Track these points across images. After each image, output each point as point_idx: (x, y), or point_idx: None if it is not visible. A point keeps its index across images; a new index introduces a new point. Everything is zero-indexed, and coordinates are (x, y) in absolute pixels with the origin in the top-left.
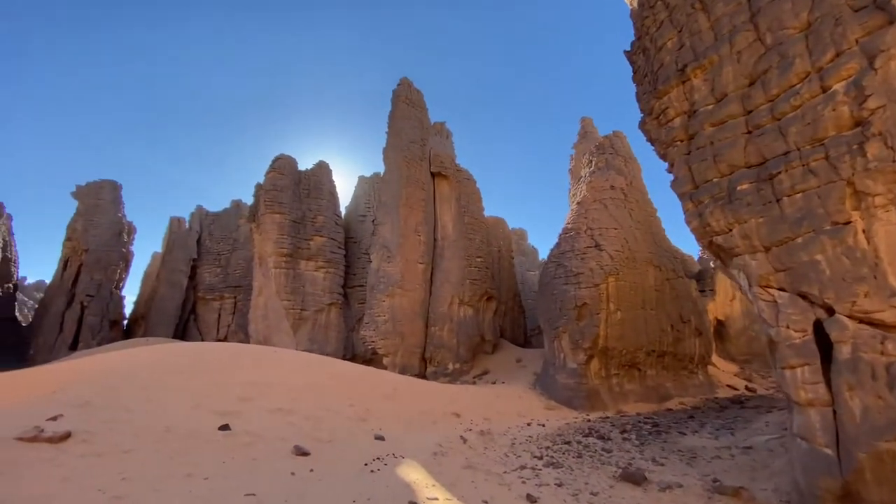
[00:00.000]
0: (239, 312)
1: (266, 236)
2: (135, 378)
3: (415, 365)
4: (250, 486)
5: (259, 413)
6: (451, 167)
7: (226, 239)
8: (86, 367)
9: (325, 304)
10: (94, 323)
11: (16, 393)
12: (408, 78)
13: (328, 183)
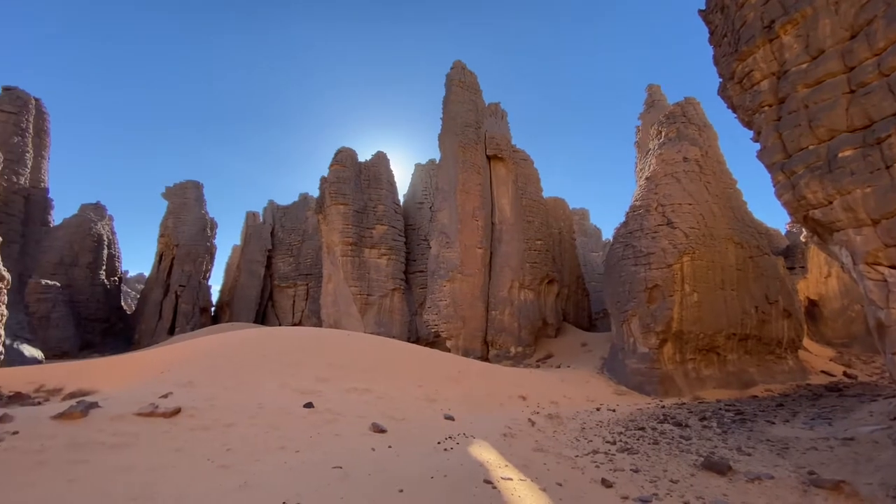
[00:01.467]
0: (311, 298)
1: (332, 226)
2: (228, 360)
3: (477, 348)
4: (336, 460)
5: (337, 392)
6: (507, 149)
7: (296, 230)
8: (187, 350)
9: (389, 290)
10: (186, 310)
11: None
12: (461, 61)
13: (386, 172)
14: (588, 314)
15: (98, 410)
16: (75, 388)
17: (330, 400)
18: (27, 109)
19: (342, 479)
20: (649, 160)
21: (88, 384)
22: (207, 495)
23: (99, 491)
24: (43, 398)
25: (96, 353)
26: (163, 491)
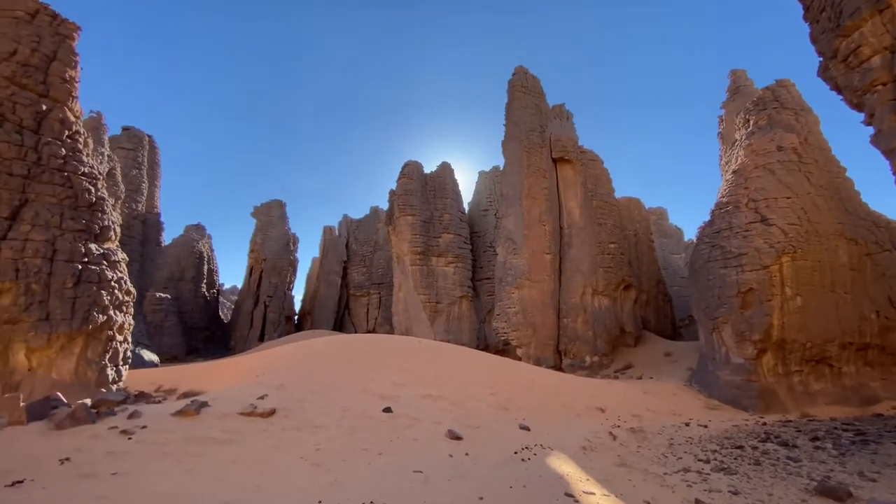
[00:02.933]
0: (383, 306)
1: (401, 237)
2: (314, 365)
3: (549, 357)
4: (416, 464)
5: (413, 398)
6: (574, 150)
7: (368, 241)
8: (277, 355)
9: (457, 297)
10: (274, 318)
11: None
12: (523, 66)
13: (451, 182)
14: (671, 321)
15: (208, 409)
16: (187, 389)
17: (407, 405)
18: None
19: (423, 482)
20: (736, 152)
21: (197, 385)
22: (304, 490)
23: (213, 481)
24: (162, 397)
25: (200, 358)
26: (265, 484)
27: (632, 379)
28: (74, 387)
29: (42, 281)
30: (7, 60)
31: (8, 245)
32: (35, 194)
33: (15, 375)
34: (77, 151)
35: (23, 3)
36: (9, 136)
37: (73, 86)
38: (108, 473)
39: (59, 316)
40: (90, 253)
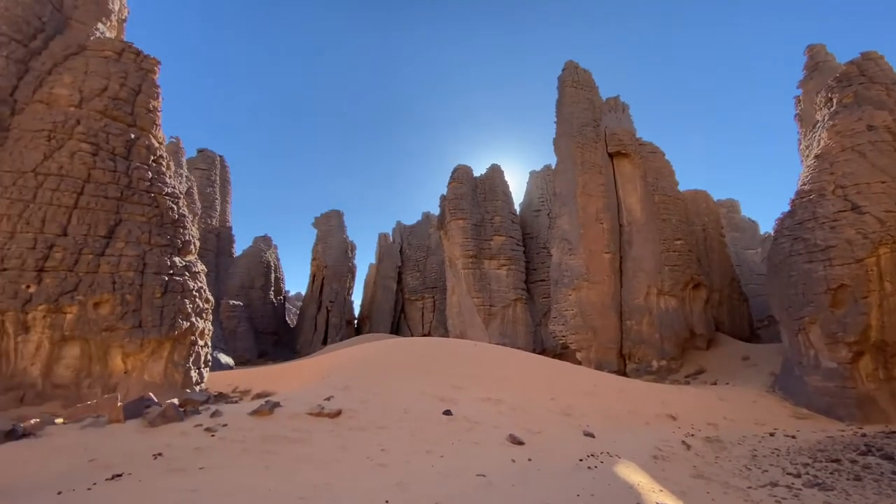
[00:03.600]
0: (437, 310)
1: (453, 241)
2: (375, 368)
3: (612, 361)
4: (478, 467)
5: (472, 401)
6: (631, 143)
7: (421, 247)
8: (341, 358)
9: (511, 300)
10: (335, 323)
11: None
12: (573, 60)
13: (501, 184)
14: (748, 322)
15: (280, 409)
16: (260, 390)
17: (466, 408)
18: (214, 165)
19: (486, 486)
20: (818, 134)
21: (269, 386)
22: (371, 490)
23: (287, 477)
24: (238, 397)
25: (270, 360)
26: (335, 483)
27: (705, 385)
28: (163, 387)
29: (135, 292)
30: (100, 96)
31: (106, 260)
32: (127, 214)
33: (112, 378)
34: (161, 174)
35: (111, 43)
36: (104, 163)
37: (156, 115)
38: (196, 468)
39: (150, 323)
40: (175, 265)
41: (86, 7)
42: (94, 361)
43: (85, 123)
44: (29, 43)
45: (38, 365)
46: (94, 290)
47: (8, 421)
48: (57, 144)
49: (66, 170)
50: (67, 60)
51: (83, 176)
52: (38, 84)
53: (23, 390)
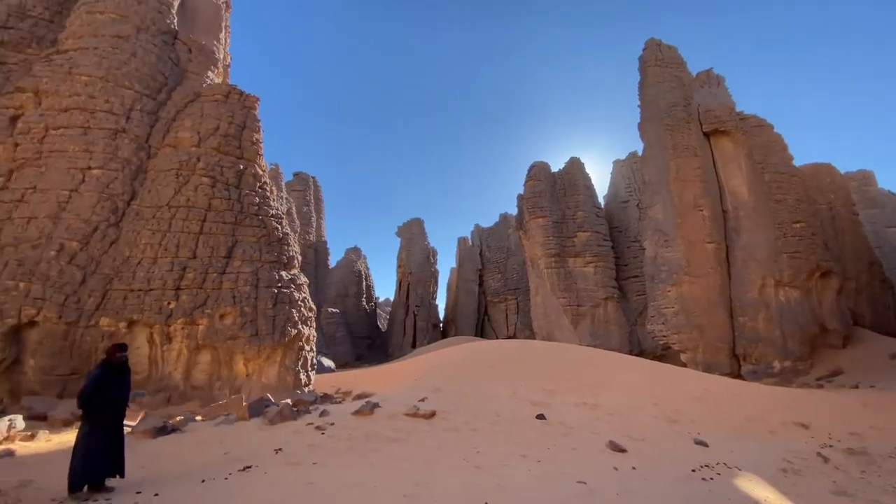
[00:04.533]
0: (521, 312)
1: (533, 240)
2: (464, 370)
3: (723, 362)
4: (578, 474)
5: (566, 406)
6: (730, 119)
7: (500, 248)
8: (431, 360)
9: (601, 299)
10: (422, 327)
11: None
12: (655, 38)
13: (582, 177)
14: (895, 313)
15: (380, 410)
16: (360, 391)
17: (560, 412)
18: (309, 186)
19: (588, 495)
20: None
21: (367, 388)
22: (469, 491)
23: (390, 475)
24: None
25: (365, 363)
26: (434, 482)
27: (843, 388)
28: (278, 389)
29: (251, 304)
30: (213, 135)
31: (227, 278)
32: (241, 236)
33: (237, 380)
34: (266, 198)
35: (219, 88)
36: (220, 193)
37: (259, 146)
38: (311, 463)
39: (265, 331)
40: (282, 279)
41: (198, 60)
42: (223, 366)
43: (204, 160)
44: (156, 96)
45: (179, 370)
46: (219, 304)
47: (159, 418)
48: (184, 180)
49: (192, 201)
50: (187, 107)
51: (205, 206)
52: (165, 130)
53: (169, 392)
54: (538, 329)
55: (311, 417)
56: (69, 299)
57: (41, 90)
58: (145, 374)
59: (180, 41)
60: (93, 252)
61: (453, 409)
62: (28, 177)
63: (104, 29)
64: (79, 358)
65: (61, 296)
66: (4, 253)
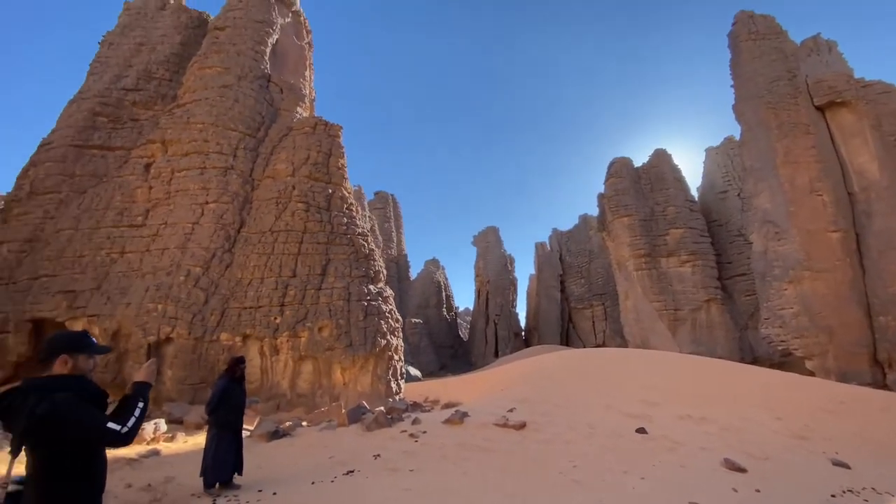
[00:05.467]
0: (610, 318)
1: (619, 241)
2: (553, 380)
3: (862, 370)
4: (690, 494)
5: (668, 418)
6: (848, 88)
7: (582, 252)
8: (517, 370)
9: (701, 301)
10: (504, 336)
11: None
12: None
13: (670, 170)
14: None
15: (469, 419)
16: (447, 400)
17: (662, 426)
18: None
19: None
20: None
21: (454, 397)
22: None
23: (483, 485)
24: (430, 407)
25: (449, 373)
26: (530, 495)
27: None
28: (372, 397)
29: (345, 317)
30: (305, 164)
31: (323, 293)
32: (333, 254)
33: (336, 388)
34: (353, 218)
35: (307, 121)
36: (314, 216)
37: (344, 171)
38: (407, 469)
39: (358, 342)
40: (370, 293)
41: (288, 98)
42: (322, 375)
43: (298, 188)
44: (256, 134)
45: (286, 379)
46: (318, 317)
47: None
48: (282, 207)
49: (290, 226)
50: (281, 141)
51: (301, 229)
52: (265, 164)
53: (278, 399)
54: (630, 336)
55: (404, 425)
56: (196, 318)
57: (167, 139)
58: (258, 382)
59: (273, 83)
60: (212, 275)
61: (544, 420)
62: (160, 214)
63: (212, 81)
64: (205, 369)
65: (189, 315)
66: (145, 280)
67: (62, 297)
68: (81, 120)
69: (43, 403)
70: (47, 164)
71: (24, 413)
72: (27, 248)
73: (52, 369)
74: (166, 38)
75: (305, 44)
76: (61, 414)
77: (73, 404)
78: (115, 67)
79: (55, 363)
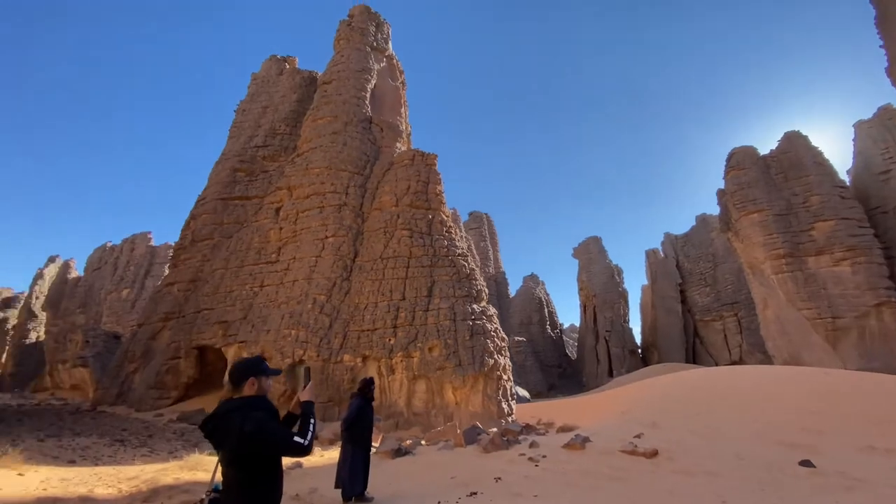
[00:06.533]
0: (746, 331)
1: (749, 242)
2: (684, 403)
3: None
4: None
5: (842, 449)
6: None
7: (702, 257)
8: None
9: (869, 306)
10: (617, 353)
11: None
12: None
13: (808, 153)
14: None
15: (591, 444)
16: (563, 423)
17: (835, 459)
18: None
19: None
20: None
21: (569, 420)
22: None
23: None
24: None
25: (559, 394)
26: None
27: None
28: (484, 417)
29: (452, 337)
30: (406, 194)
31: (430, 314)
32: (437, 276)
33: (448, 408)
34: (452, 240)
35: (406, 154)
36: (417, 241)
37: (441, 196)
38: (531, 495)
39: (466, 362)
40: (474, 312)
41: (389, 136)
42: (435, 395)
43: (402, 216)
44: (363, 171)
45: (402, 398)
46: (427, 338)
47: (394, 441)
48: (389, 236)
49: (397, 252)
50: (385, 175)
51: (407, 254)
52: (372, 197)
53: (396, 417)
54: (776, 351)
55: (521, 448)
56: (322, 341)
57: (291, 185)
58: (377, 401)
59: (374, 124)
60: (334, 302)
61: (678, 448)
62: (290, 251)
63: (324, 129)
64: (332, 388)
65: (317, 338)
66: (281, 308)
67: (219, 327)
68: (225, 177)
69: (248, 422)
70: (203, 216)
71: (233, 431)
72: (191, 287)
73: (242, 391)
74: (285, 98)
75: (399, 83)
76: (265, 430)
77: (270, 422)
78: (247, 129)
79: (245, 386)
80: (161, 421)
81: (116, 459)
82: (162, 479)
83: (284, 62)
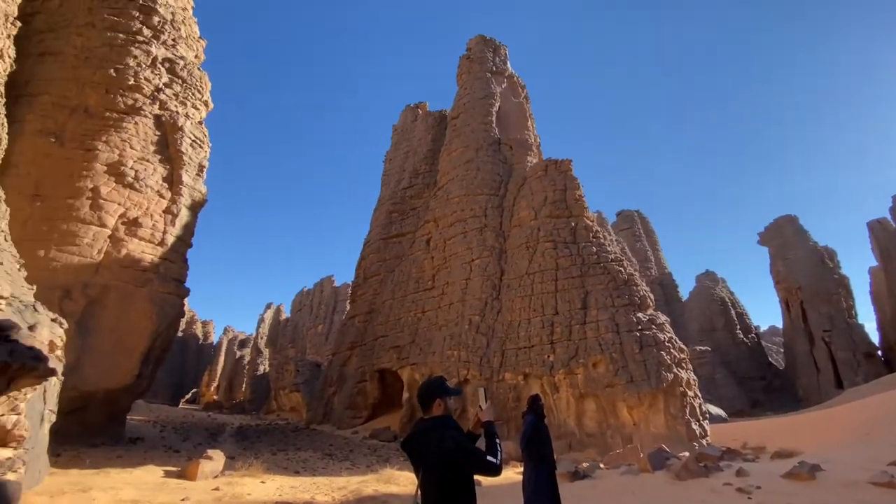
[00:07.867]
0: None
1: None
2: None
3: None
4: None
5: None
6: None
7: None
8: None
9: None
10: (845, 358)
11: (825, 433)
12: None
13: None
14: None
15: (823, 473)
16: (778, 447)
17: None
18: (634, 221)
19: None
20: None
21: (786, 443)
22: None
23: None
24: (752, 454)
25: (769, 411)
26: None
27: None
28: (669, 439)
29: (618, 350)
30: (544, 205)
31: (588, 327)
32: (590, 286)
33: (625, 428)
34: (602, 245)
35: (538, 165)
36: (563, 251)
37: (582, 201)
38: None
39: (639, 377)
40: (640, 321)
41: (518, 152)
42: (608, 414)
43: (543, 229)
44: (498, 192)
45: (571, 417)
46: (588, 352)
47: (570, 463)
48: (532, 250)
49: (542, 266)
50: (520, 191)
51: (553, 266)
52: (510, 215)
53: (568, 438)
54: None
55: (724, 476)
56: (482, 360)
57: (436, 217)
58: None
59: (503, 144)
60: (488, 321)
61: None
62: (443, 276)
63: (458, 160)
64: (498, 407)
65: (477, 358)
66: (441, 331)
67: (393, 352)
68: (383, 219)
69: (446, 440)
70: (370, 255)
71: (432, 449)
72: (368, 318)
73: (431, 411)
74: (422, 140)
75: (522, 98)
76: (462, 448)
77: (465, 440)
78: (395, 175)
79: (433, 407)
80: (357, 437)
81: (328, 471)
82: (364, 490)
83: (417, 108)
